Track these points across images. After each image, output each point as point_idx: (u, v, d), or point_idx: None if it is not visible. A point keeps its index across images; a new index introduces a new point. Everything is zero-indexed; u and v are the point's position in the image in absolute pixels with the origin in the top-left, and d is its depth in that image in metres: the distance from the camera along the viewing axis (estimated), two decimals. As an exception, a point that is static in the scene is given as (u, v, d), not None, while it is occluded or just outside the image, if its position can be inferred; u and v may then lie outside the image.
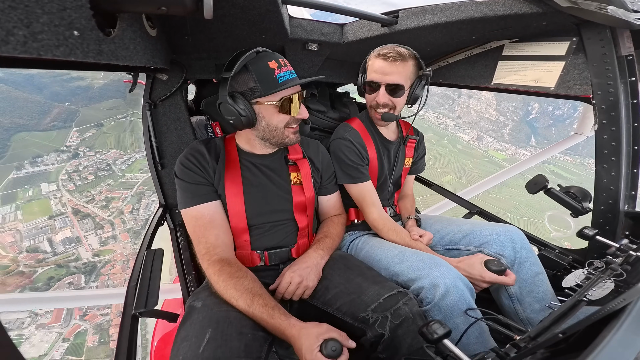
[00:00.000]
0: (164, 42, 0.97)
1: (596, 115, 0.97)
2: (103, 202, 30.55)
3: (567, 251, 1.17)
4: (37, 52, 0.39)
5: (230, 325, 0.75)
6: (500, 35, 1.21)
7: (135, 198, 31.41)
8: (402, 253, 1.03)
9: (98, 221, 28.22)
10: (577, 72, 1.05)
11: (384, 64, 1.08)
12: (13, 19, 0.35)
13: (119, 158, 37.78)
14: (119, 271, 24.23)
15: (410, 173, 1.49)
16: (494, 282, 0.94)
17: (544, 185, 0.98)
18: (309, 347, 0.69)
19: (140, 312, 0.78)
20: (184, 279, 1.07)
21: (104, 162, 37.12)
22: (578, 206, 0.96)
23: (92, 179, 33.95)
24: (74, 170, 34.25)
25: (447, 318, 0.85)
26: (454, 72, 1.49)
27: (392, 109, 1.16)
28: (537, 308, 0.97)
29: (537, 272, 1.00)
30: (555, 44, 1.08)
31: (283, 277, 0.94)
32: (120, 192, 31.81)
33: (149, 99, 1.18)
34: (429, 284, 0.87)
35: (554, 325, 0.49)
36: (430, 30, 1.11)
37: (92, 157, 37.35)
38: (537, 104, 73.66)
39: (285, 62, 0.92)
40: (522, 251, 1.01)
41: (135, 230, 28.21)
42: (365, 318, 0.82)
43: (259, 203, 1.00)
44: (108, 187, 32.81)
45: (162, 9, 0.51)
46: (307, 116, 0.98)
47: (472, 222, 1.24)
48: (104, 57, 0.53)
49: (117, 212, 29.55)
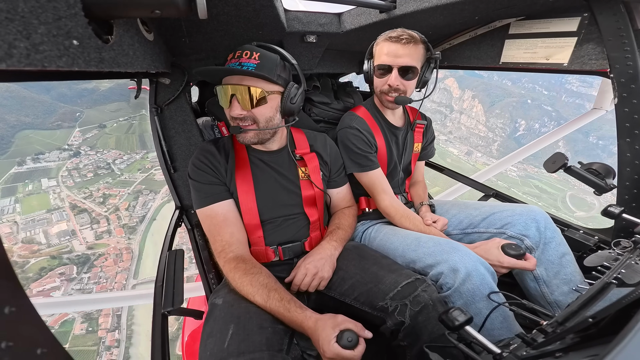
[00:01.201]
0: (162, 46, 0.98)
1: (615, 88, 0.94)
2: (100, 199, 31.50)
3: (592, 231, 1.12)
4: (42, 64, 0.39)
5: (250, 320, 0.77)
6: (505, 14, 1.17)
7: (132, 196, 32.37)
8: (418, 239, 1.02)
9: (94, 216, 29.08)
10: (591, 47, 1.01)
11: (396, 46, 1.06)
12: (12, 31, 0.35)
13: (118, 158, 38.95)
14: (112, 264, 24.93)
15: (420, 159, 1.46)
16: (513, 267, 0.91)
17: (563, 164, 0.93)
18: (325, 338, 0.70)
19: (169, 310, 0.81)
20: (205, 277, 1.10)
21: (104, 161, 38.28)
22: (601, 183, 0.90)
23: (91, 177, 35.03)
24: (74, 168, 35.40)
25: (469, 303, 0.83)
26: (459, 54, 1.45)
27: (403, 93, 1.14)
28: (565, 290, 0.94)
29: (564, 253, 0.97)
30: (565, 20, 1.05)
31: (298, 270, 0.95)
32: (117, 190, 32.79)
33: (154, 104, 1.19)
34: (448, 269, 0.86)
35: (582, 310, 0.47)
36: (431, 12, 1.09)
37: (93, 156, 38.57)
38: (524, 121, 76.65)
39: (244, 54, 0.87)
40: (547, 231, 0.98)
41: (130, 226, 29.04)
42: (384, 307, 0.82)
43: (270, 198, 1.01)
44: (106, 184, 33.83)
45: (157, 12, 0.51)
46: (235, 113, 0.89)
47: (492, 204, 1.21)
48: (105, 64, 0.54)
49: (113, 208, 30.44)
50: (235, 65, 0.85)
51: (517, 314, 0.61)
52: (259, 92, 0.87)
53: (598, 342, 0.38)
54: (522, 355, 0.46)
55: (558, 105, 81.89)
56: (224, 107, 0.91)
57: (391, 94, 1.14)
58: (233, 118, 0.91)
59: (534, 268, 0.90)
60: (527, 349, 0.47)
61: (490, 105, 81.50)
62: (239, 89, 0.86)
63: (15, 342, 0.27)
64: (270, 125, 0.93)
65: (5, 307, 0.27)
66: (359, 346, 0.69)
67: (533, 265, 0.89)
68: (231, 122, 0.93)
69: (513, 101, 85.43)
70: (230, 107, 0.89)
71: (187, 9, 0.52)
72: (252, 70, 0.84)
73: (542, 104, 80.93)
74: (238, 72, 0.85)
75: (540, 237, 0.98)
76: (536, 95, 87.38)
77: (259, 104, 0.89)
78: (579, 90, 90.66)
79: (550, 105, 79.85)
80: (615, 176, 0.94)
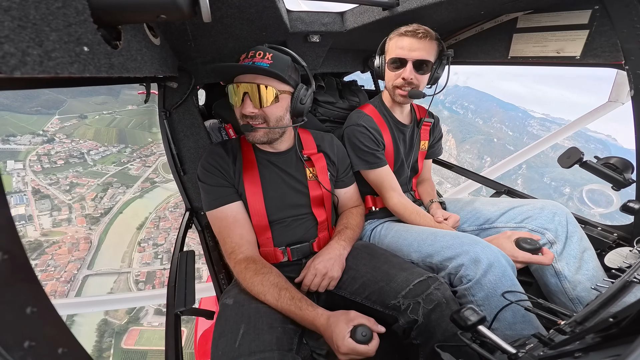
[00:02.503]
0: (168, 50, 1.00)
1: (631, 80, 0.92)
2: (67, 187, 31.28)
3: (612, 228, 1.09)
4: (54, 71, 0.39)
5: (260, 319, 0.78)
6: (512, 8, 1.15)
7: (101, 187, 32.29)
8: (434, 234, 1.00)
9: (57, 203, 28.81)
10: (604, 39, 0.99)
11: (411, 40, 1.06)
12: (25, 38, 0.35)
13: (94, 149, 38.86)
14: (65, 252, 24.55)
15: (427, 157, 1.44)
16: (528, 262, 0.88)
17: (579, 159, 0.89)
18: (339, 334, 0.70)
19: (182, 310, 0.83)
20: (215, 277, 1.11)
21: (78, 150, 38.10)
22: (620, 178, 0.86)
23: (62, 164, 34.81)
24: (45, 154, 35.11)
25: (490, 296, 0.81)
26: (466, 49, 1.44)
27: (416, 87, 1.13)
28: (587, 286, 0.91)
29: (586, 248, 0.94)
30: (575, 13, 1.03)
31: (308, 270, 0.95)
32: (86, 180, 32.65)
33: (163, 108, 1.21)
34: (469, 260, 0.84)
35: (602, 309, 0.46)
36: (435, 8, 1.07)
37: (67, 144, 38.35)
38: (489, 158, 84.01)
39: (257, 54, 0.88)
40: (569, 225, 0.95)
41: (93, 217, 28.88)
42: (396, 305, 0.81)
43: (278, 199, 1.02)
44: (75, 173, 33.68)
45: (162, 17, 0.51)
46: (247, 111, 0.90)
47: (509, 199, 1.18)
48: (115, 70, 0.55)
49: (78, 197, 30.28)
50: (248, 64, 0.87)
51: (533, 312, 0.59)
52: (271, 90, 0.89)
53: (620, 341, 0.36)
54: (539, 356, 0.45)
55: (520, 146, 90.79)
56: (235, 106, 0.93)
57: (404, 88, 1.13)
58: (244, 116, 0.92)
59: (550, 263, 0.87)
60: (545, 349, 0.47)
61: (462, 140, 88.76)
62: (252, 87, 0.88)
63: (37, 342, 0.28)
64: (279, 125, 0.95)
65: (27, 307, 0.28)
66: (373, 341, 0.70)
67: (550, 260, 0.86)
68: (241, 120, 0.94)
69: (481, 138, 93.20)
70: (242, 105, 0.91)
71: (192, 13, 0.53)
72: (267, 68, 0.86)
73: (506, 144, 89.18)
74: (252, 70, 0.87)
75: (562, 231, 0.95)
76: (502, 135, 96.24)
77: (271, 102, 0.90)
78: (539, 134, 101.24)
79: (513, 146, 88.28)
80: (634, 170, 0.90)
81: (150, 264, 25.91)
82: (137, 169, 34.73)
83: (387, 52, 1.15)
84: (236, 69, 0.91)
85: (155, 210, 31.05)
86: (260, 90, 0.88)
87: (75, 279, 22.68)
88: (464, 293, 0.85)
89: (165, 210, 31.38)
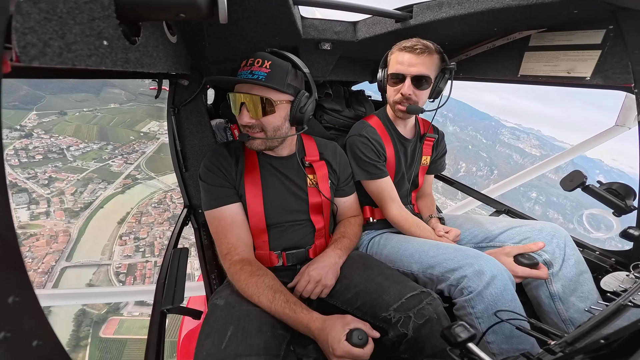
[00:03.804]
0: (183, 49, 1.01)
1: (639, 104, 0.90)
2: (45, 181, 31.16)
3: (610, 253, 1.09)
4: (72, 63, 0.40)
5: (250, 322, 0.77)
6: (526, 25, 1.15)
7: (81, 182, 32.30)
8: (437, 246, 1.01)
9: (34, 197, 28.72)
10: (615, 61, 0.98)
11: (410, 56, 1.07)
12: (49, 30, 0.36)
13: (74, 145, 38.68)
14: (43, 244, 24.56)
15: (429, 172, 1.45)
16: (527, 276, 0.89)
17: (581, 182, 0.89)
18: (335, 337, 0.70)
19: (168, 308, 0.82)
20: (207, 277, 1.11)
21: (58, 146, 37.83)
22: (621, 204, 0.86)
23: (40, 159, 34.57)
24: (22, 148, 34.75)
25: (490, 308, 0.81)
26: (476, 65, 1.43)
27: (415, 103, 1.14)
28: (581, 308, 0.91)
29: (582, 271, 0.95)
30: (588, 33, 1.02)
31: (301, 276, 0.95)
32: (66, 175, 32.55)
33: (172, 104, 1.22)
34: (472, 272, 0.85)
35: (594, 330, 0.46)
36: (447, 23, 1.08)
37: (46, 140, 38.01)
38: (465, 164, 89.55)
39: (255, 62, 0.89)
40: (567, 248, 0.96)
41: (73, 211, 28.94)
42: (387, 317, 0.81)
43: (277, 203, 1.02)
44: (55, 168, 33.53)
45: (181, 16, 0.53)
46: (244, 121, 0.91)
47: (508, 219, 1.19)
48: (130, 65, 0.56)
49: (57, 192, 30.26)
50: (246, 73, 0.88)
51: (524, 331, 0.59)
52: (267, 101, 0.89)
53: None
54: None
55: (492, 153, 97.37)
56: (235, 114, 0.94)
57: (403, 104, 1.14)
58: (242, 125, 0.94)
59: (547, 277, 0.89)
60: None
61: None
62: (248, 98, 0.89)
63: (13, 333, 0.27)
64: (277, 134, 0.95)
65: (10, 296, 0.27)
66: (368, 345, 0.70)
67: (546, 274, 0.89)
68: (241, 129, 0.96)
69: (458, 145, 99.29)
70: (240, 115, 0.92)
71: (209, 13, 0.55)
72: (262, 80, 0.86)
73: (479, 151, 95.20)
74: (247, 82, 0.87)
75: (560, 253, 0.96)
76: (476, 142, 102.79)
77: (267, 113, 0.90)
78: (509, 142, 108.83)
79: (486, 152, 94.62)
80: (636, 197, 0.90)
81: (131, 256, 25.97)
82: (118, 165, 34.88)
83: (388, 66, 1.17)
84: (230, 81, 0.92)
85: (138, 206, 31.23)
86: (257, 101, 0.89)
87: (53, 270, 22.63)
88: (464, 305, 0.85)
89: (148, 206, 31.63)
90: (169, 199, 32.46)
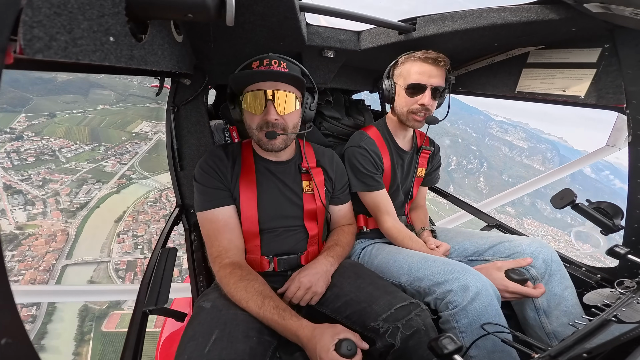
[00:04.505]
0: (188, 48, 1.02)
1: (630, 126, 0.92)
2: (39, 183, 31.28)
3: (595, 269, 1.12)
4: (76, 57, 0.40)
5: (237, 327, 0.76)
6: (525, 42, 1.17)
7: (75, 183, 32.48)
8: (426, 258, 1.02)
9: (30, 198, 28.89)
10: (609, 80, 0.99)
11: (430, 67, 1.09)
12: (57, 25, 0.36)
13: (66, 147, 38.62)
14: (42, 243, 24.95)
15: (423, 184, 1.47)
16: (518, 292, 0.90)
17: (571, 200, 0.90)
18: (324, 346, 0.69)
19: (151, 309, 0.80)
20: (194, 279, 1.09)
21: (49, 148, 37.75)
22: (609, 223, 0.88)
23: (33, 161, 34.54)
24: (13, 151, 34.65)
25: (473, 323, 0.82)
26: (475, 80, 1.46)
27: (430, 113, 1.16)
28: (564, 322, 0.93)
29: (567, 286, 0.97)
30: (585, 51, 1.04)
31: (292, 282, 0.94)
32: (60, 176, 32.69)
33: (172, 102, 1.23)
34: (458, 287, 0.86)
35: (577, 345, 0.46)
36: (450, 37, 1.10)
37: (37, 142, 37.87)
38: (455, 157, 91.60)
39: (272, 62, 0.90)
40: (553, 264, 0.99)
41: (69, 211, 29.25)
42: (375, 327, 0.81)
43: (271, 208, 1.02)
44: (48, 170, 33.59)
45: (189, 16, 0.54)
46: (272, 119, 0.90)
47: (498, 234, 1.21)
48: (134, 62, 0.56)
49: (52, 192, 30.47)
50: (273, 70, 0.88)
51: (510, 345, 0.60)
52: (292, 97, 0.91)
53: None
54: None
55: (482, 146, 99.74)
56: (255, 113, 0.92)
57: (420, 114, 1.16)
58: (266, 123, 0.92)
59: (539, 296, 0.90)
60: None
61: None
62: (277, 94, 0.89)
63: None
64: (294, 131, 0.96)
65: None
66: (357, 356, 0.69)
67: (540, 293, 0.89)
68: (261, 128, 0.93)
69: (448, 139, 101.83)
70: (266, 112, 0.91)
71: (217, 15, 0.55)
72: (295, 74, 0.88)
73: (469, 144, 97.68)
74: (275, 77, 0.89)
75: (546, 268, 0.98)
76: (466, 136, 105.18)
77: (291, 109, 0.92)
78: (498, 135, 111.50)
79: (476, 146, 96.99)
80: (624, 217, 0.92)
81: (130, 253, 26.20)
82: (112, 166, 35.08)
83: (401, 76, 1.18)
84: (262, 76, 0.90)
85: (134, 205, 31.61)
86: (283, 98, 0.90)
87: (54, 268, 22.90)
88: (448, 319, 0.86)
89: (144, 204, 32.03)
90: (164, 197, 32.86)
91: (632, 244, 0.96)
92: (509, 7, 0.94)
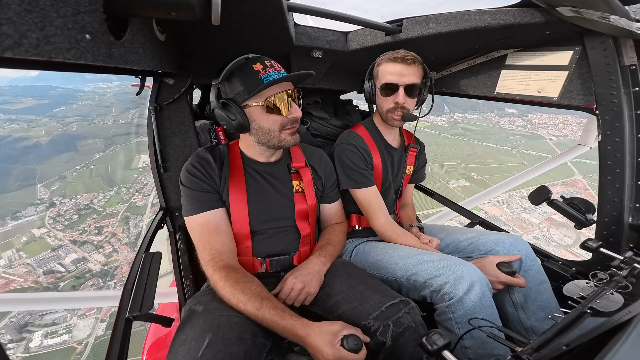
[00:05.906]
0: (172, 47, 0.99)
1: (599, 126, 0.97)
2: (95, 231, 35.75)
3: (571, 263, 1.17)
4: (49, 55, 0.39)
5: (230, 330, 0.75)
6: (504, 45, 1.22)
7: (122, 222, 36.78)
8: (421, 253, 1.05)
9: (96, 244, 33.56)
10: (580, 82, 1.05)
11: (401, 66, 1.12)
12: (28, 22, 0.35)
13: (94, 198, 42.49)
14: (128, 269, 30.14)
15: (410, 182, 1.50)
16: (508, 283, 0.97)
17: (547, 197, 0.98)
18: (328, 342, 0.70)
19: (135, 315, 0.77)
20: (180, 283, 1.07)
21: (82, 203, 41.51)
22: (582, 218, 0.95)
23: (77, 218, 38.41)
24: (57, 215, 38.56)
25: (469, 314, 0.85)
26: (457, 82, 1.50)
27: (407, 111, 1.19)
28: (541, 316, 0.98)
29: (542, 281, 1.02)
30: (558, 54, 1.08)
31: (285, 283, 0.94)
32: (107, 221, 36.67)
33: (154, 102, 1.20)
34: (454, 279, 0.89)
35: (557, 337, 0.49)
36: (434, 39, 1.13)
37: (69, 203, 41.57)
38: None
39: (272, 63, 0.91)
40: (527, 259, 1.03)
41: (131, 242, 34.01)
42: (366, 326, 0.82)
43: (262, 209, 1.01)
44: (94, 219, 37.79)
45: (172, 14, 0.52)
46: (300, 115, 0.96)
47: (477, 230, 1.26)
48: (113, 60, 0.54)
49: (110, 234, 35.15)
50: (275, 74, 0.90)
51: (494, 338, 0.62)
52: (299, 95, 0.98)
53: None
54: None
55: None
56: (284, 115, 0.93)
57: (397, 112, 1.18)
58: (290, 121, 0.95)
59: (525, 285, 0.96)
60: None
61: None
62: (295, 93, 0.95)
63: None
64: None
65: None
66: (362, 351, 0.71)
67: (524, 283, 0.96)
68: (284, 127, 0.95)
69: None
70: (292, 111, 0.94)
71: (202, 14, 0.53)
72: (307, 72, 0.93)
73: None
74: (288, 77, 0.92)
75: (521, 264, 1.03)
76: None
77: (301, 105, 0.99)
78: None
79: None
80: (595, 212, 0.98)
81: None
82: (140, 200, 39.13)
83: (377, 77, 1.20)
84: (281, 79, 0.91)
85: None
86: (298, 95, 0.98)
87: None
88: (444, 310, 0.89)
89: (183, 220, 36.16)
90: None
91: (603, 237, 1.01)
92: (490, 9, 0.99)
